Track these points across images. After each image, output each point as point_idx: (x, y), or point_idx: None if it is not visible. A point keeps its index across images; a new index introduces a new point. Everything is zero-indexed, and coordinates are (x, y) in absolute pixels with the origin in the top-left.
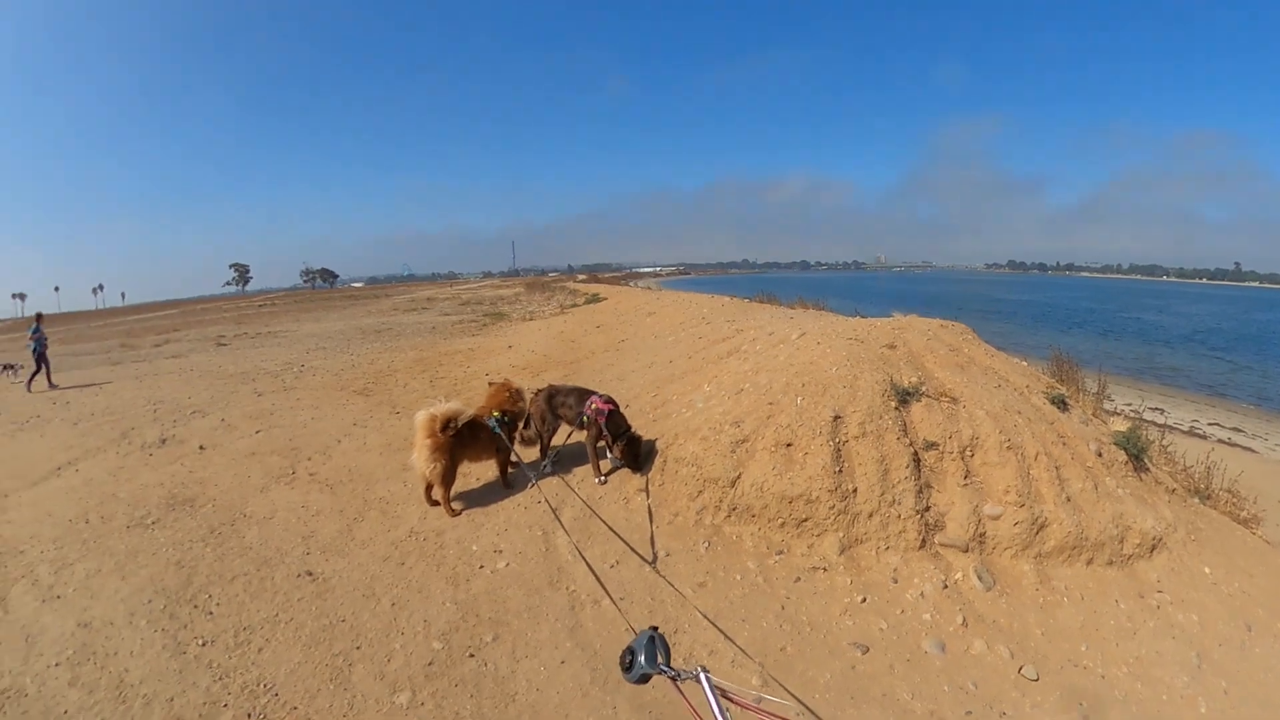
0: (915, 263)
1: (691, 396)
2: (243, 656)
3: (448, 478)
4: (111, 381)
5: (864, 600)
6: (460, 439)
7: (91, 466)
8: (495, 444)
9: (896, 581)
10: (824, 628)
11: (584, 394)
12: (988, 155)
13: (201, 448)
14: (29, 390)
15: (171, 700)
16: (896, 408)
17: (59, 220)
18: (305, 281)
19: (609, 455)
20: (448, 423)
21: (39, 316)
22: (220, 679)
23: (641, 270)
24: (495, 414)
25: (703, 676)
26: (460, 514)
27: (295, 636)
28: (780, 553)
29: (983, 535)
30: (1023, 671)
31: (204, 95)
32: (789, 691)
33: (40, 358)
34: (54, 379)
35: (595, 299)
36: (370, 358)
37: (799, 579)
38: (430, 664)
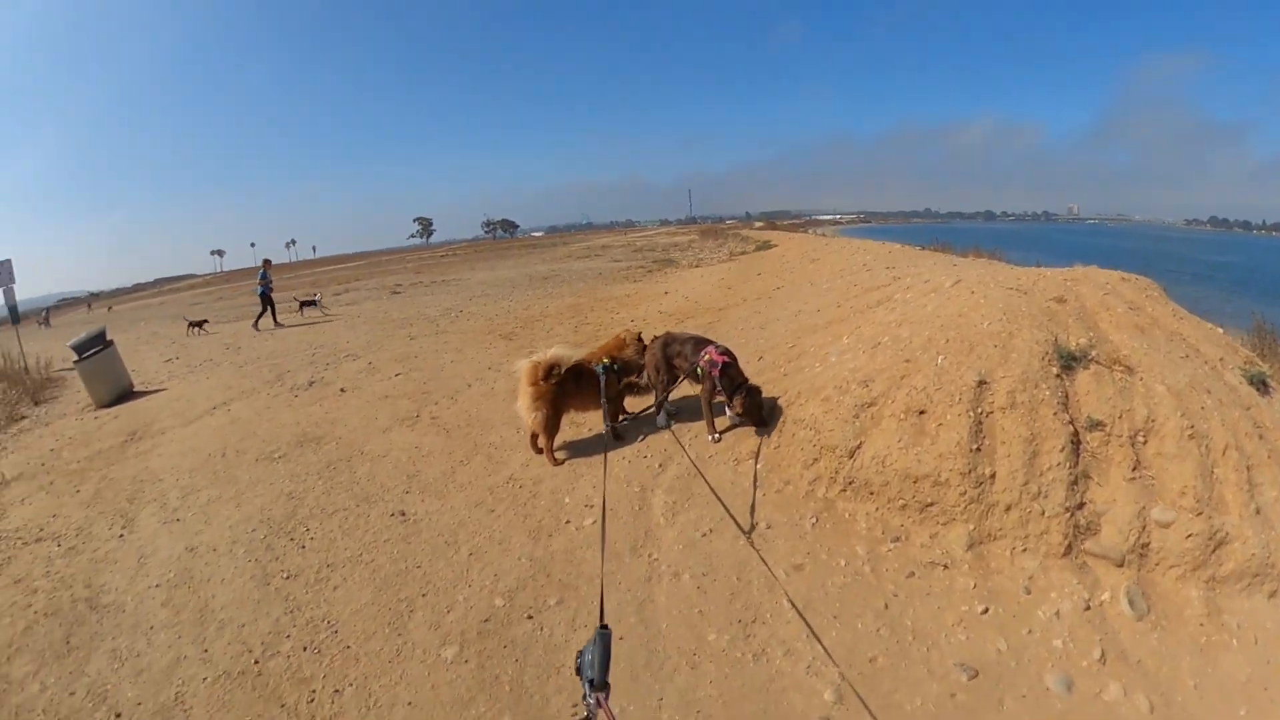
0: (1109, 215)
1: (828, 350)
2: (318, 593)
3: (549, 426)
4: (285, 327)
5: (985, 611)
6: (564, 387)
7: (242, 406)
8: (599, 391)
9: (1029, 593)
10: (929, 639)
11: (700, 343)
12: (1188, 97)
13: (342, 390)
14: (256, 329)
15: (242, 626)
16: (1058, 375)
17: (254, 178)
18: (486, 232)
19: (726, 411)
20: (550, 370)
21: (266, 263)
22: (291, 612)
23: (821, 217)
24: (604, 361)
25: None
26: (562, 464)
27: (370, 578)
28: (897, 540)
29: (1145, 547)
30: None
31: (387, 54)
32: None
33: (266, 299)
34: (258, 324)
35: (765, 246)
36: (527, 303)
37: (913, 574)
38: (486, 621)
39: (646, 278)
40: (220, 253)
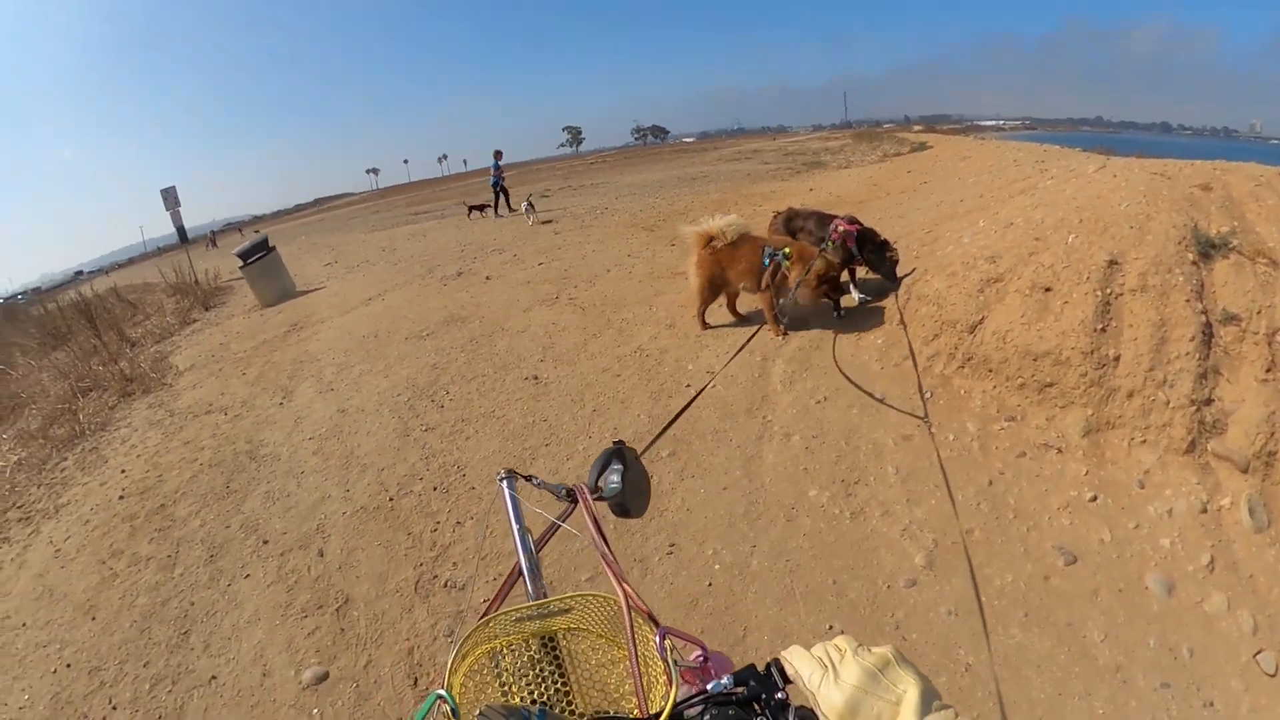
0: None
1: (962, 233)
2: (451, 442)
3: (702, 293)
4: (436, 230)
5: (1094, 499)
6: (719, 259)
7: (395, 296)
8: (760, 276)
9: (1143, 487)
10: (1031, 519)
11: (825, 218)
12: None
13: (488, 278)
14: (497, 216)
15: (382, 470)
16: (1194, 262)
17: (403, 96)
18: (636, 139)
19: (853, 291)
20: (709, 238)
21: (498, 154)
22: (426, 458)
23: (983, 123)
24: (785, 250)
25: (504, 485)
26: (709, 328)
27: (500, 430)
28: (1011, 419)
29: (1273, 455)
30: (1259, 657)
31: None
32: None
33: (498, 189)
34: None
35: (921, 147)
36: (672, 200)
37: (1023, 454)
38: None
39: (794, 178)
40: (375, 171)
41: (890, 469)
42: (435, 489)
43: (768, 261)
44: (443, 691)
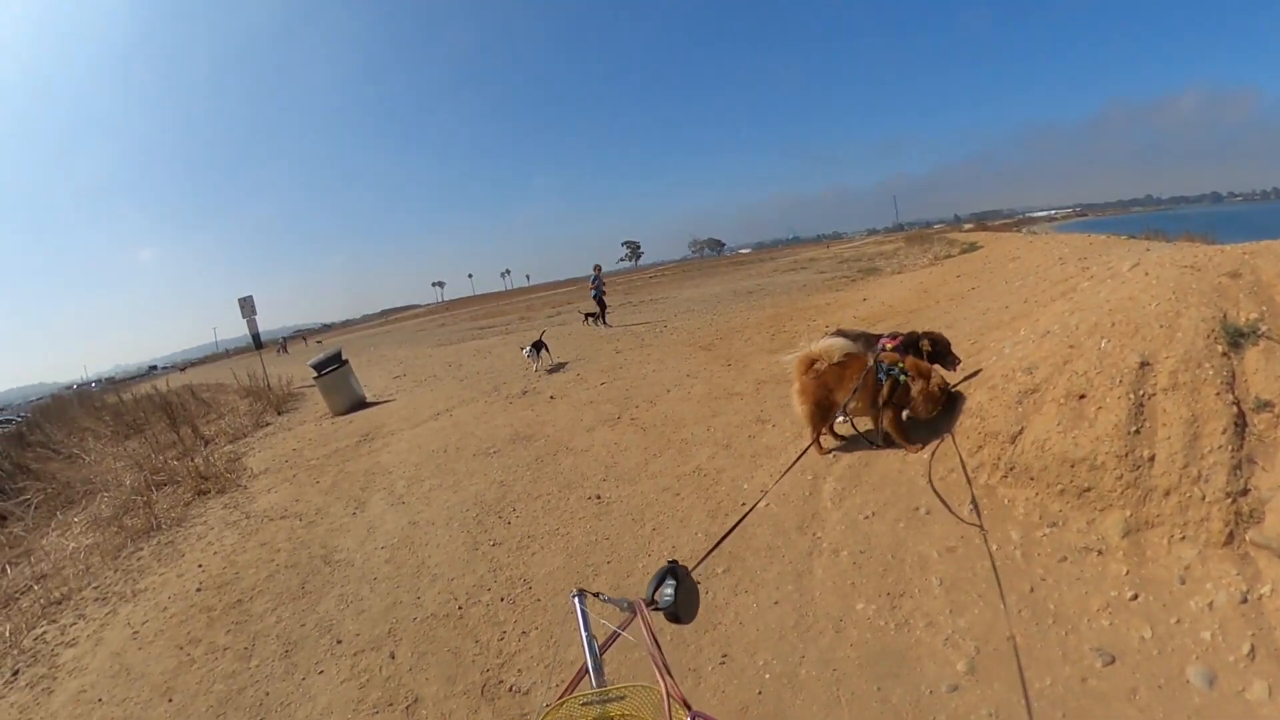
0: None
1: (1004, 343)
2: (518, 557)
3: (813, 419)
4: (500, 346)
5: (1134, 598)
6: (825, 382)
7: (463, 412)
8: (873, 394)
9: (1183, 583)
10: (1070, 623)
11: (872, 337)
12: None
13: (552, 398)
14: (601, 325)
15: (451, 580)
16: (1224, 353)
17: (469, 212)
18: (693, 252)
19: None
20: (810, 363)
21: (598, 268)
22: (493, 570)
23: (1034, 215)
24: (900, 365)
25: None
26: (827, 452)
27: (564, 547)
28: (1053, 525)
29: None
30: None
31: (593, 89)
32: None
33: (600, 301)
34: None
35: (971, 248)
36: (728, 317)
37: (1065, 559)
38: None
39: (849, 287)
40: (440, 284)
41: (935, 580)
42: (502, 600)
43: (884, 378)
44: None
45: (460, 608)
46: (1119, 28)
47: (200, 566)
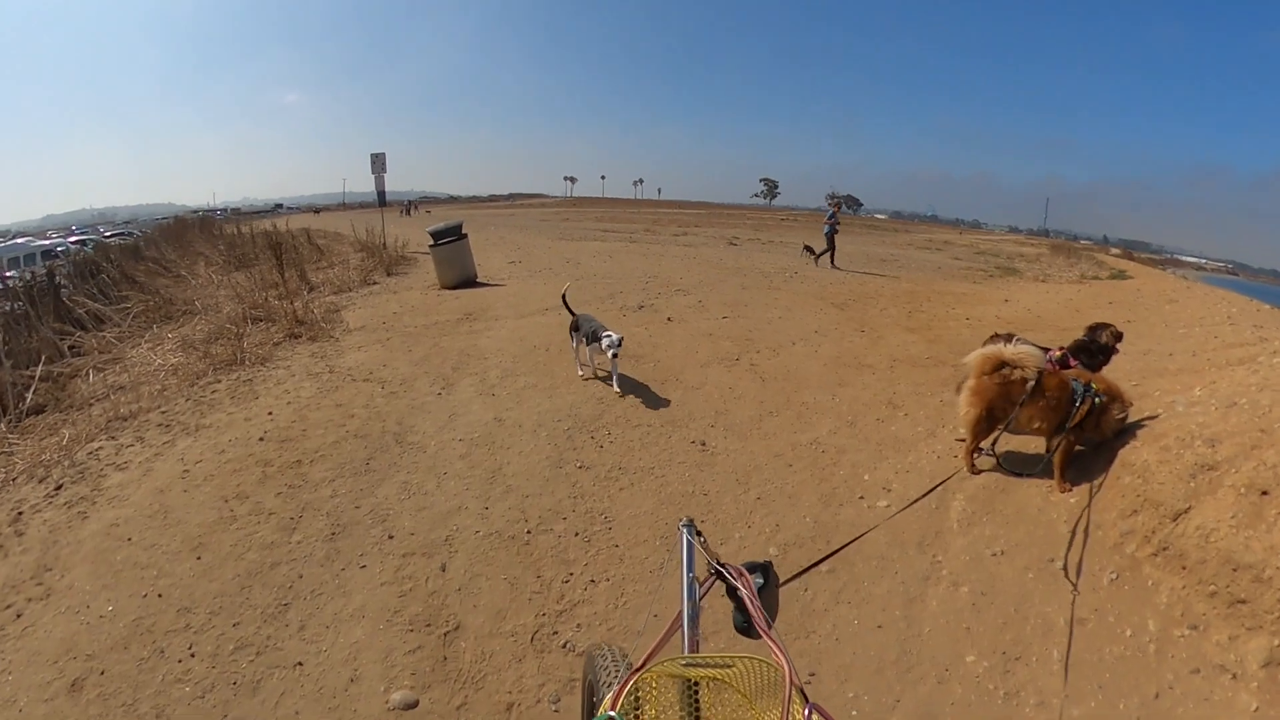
0: None
1: (1175, 398)
2: (604, 489)
3: (978, 425)
4: (622, 253)
5: None
6: (1009, 391)
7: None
8: (1064, 415)
9: None
10: None
11: (1041, 350)
12: None
13: (669, 320)
14: (817, 263)
15: (526, 497)
16: None
17: (605, 118)
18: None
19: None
20: (999, 366)
21: (836, 203)
22: (574, 498)
23: (1183, 258)
24: (1092, 384)
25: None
26: (979, 473)
27: (656, 489)
28: (1194, 628)
29: None
30: None
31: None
32: None
33: (831, 239)
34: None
35: (1120, 275)
36: (861, 280)
37: (1198, 671)
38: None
39: (987, 281)
40: (572, 179)
41: (1055, 653)
42: (577, 535)
43: (1079, 401)
44: (614, 713)
45: (529, 531)
46: None
47: (270, 414)
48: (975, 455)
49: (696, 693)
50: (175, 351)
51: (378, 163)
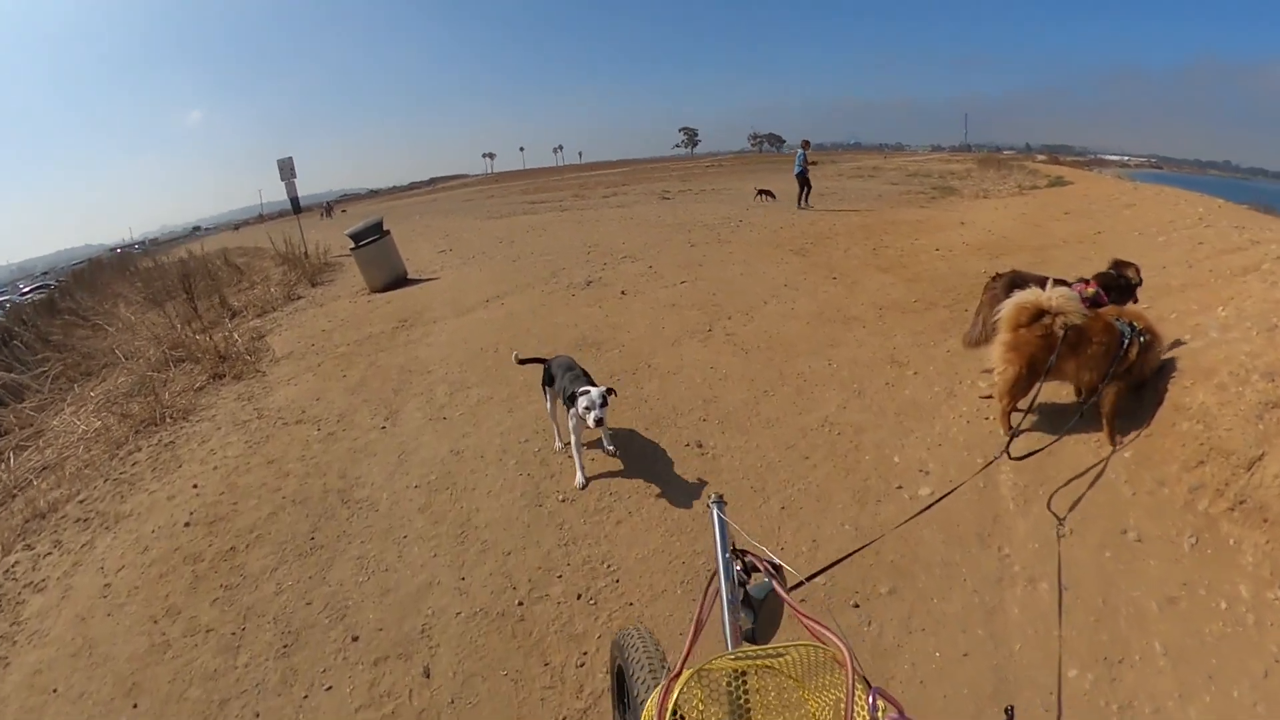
0: None
1: (1200, 320)
2: (597, 526)
3: (1013, 386)
4: (556, 224)
5: None
6: (1050, 341)
7: (516, 301)
8: (1111, 361)
9: None
10: None
11: (1061, 283)
12: None
13: (623, 293)
14: (800, 206)
15: (508, 554)
16: None
17: (521, 86)
18: (752, 145)
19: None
20: (1037, 315)
21: (805, 144)
22: (565, 545)
23: (1106, 157)
24: (1135, 324)
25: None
26: (1017, 435)
27: (660, 517)
28: None
29: None
30: None
31: None
32: None
33: (803, 179)
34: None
35: (1059, 182)
36: (811, 217)
37: None
38: (802, 601)
39: (931, 204)
40: (491, 155)
41: (1157, 646)
42: (579, 597)
43: (1126, 341)
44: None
45: (521, 603)
46: None
47: (196, 488)
48: (1011, 418)
49: (744, 679)
50: (97, 413)
51: (285, 169)
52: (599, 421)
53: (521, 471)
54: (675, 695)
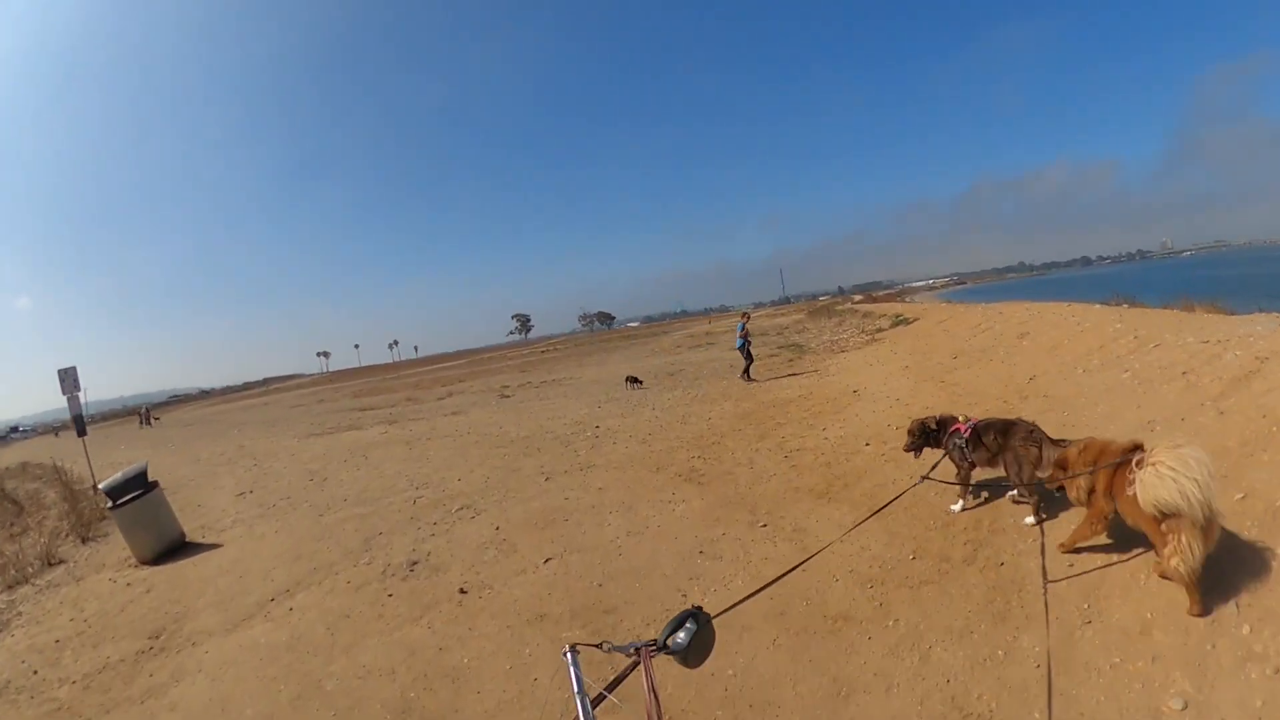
0: (1206, 243)
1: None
2: None
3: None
4: (382, 446)
5: None
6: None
7: (310, 602)
8: None
9: None
10: None
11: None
12: (1260, 103)
13: (462, 591)
14: (748, 379)
15: None
16: None
17: (356, 281)
18: (583, 325)
19: None
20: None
21: (745, 315)
22: None
23: (915, 285)
24: None
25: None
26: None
27: None
28: None
29: None
30: None
31: (477, 162)
32: None
33: (746, 353)
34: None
35: (902, 320)
36: (678, 413)
37: None
38: None
39: (795, 368)
40: (325, 354)
41: None
42: None
43: None
44: None
45: None
46: (983, 113)
47: None
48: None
49: None
50: None
51: (68, 381)
52: None
53: None
54: None
